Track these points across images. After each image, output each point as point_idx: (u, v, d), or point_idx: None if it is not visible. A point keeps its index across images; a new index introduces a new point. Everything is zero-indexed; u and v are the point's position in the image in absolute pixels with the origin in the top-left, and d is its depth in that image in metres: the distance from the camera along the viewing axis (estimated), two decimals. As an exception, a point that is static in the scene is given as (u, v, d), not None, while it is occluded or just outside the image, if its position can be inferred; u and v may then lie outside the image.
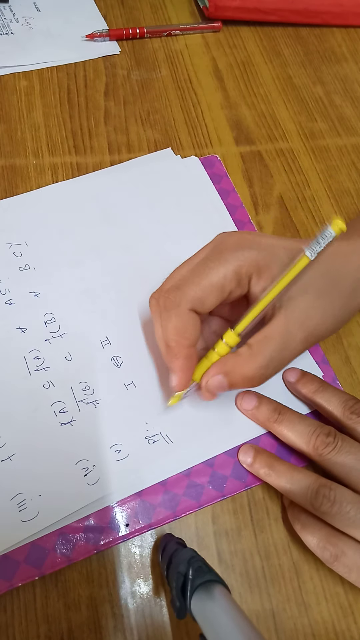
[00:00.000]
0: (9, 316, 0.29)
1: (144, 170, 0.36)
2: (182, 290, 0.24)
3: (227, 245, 0.24)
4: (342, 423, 0.26)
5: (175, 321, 0.23)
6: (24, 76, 0.40)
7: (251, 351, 0.23)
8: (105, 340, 0.29)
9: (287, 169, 0.38)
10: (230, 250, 0.24)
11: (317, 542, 0.23)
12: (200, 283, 0.23)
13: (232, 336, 0.23)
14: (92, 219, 0.33)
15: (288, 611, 0.24)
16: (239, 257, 0.23)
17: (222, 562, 0.25)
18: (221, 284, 0.23)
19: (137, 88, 0.41)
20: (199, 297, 0.23)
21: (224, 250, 0.24)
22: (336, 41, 0.46)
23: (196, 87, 0.42)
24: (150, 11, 0.46)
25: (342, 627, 0.24)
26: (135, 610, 0.24)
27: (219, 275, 0.23)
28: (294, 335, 0.24)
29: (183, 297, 0.23)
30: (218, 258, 0.24)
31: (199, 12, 0.46)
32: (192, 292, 0.23)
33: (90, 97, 0.40)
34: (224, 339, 0.23)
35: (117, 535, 0.25)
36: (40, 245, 0.32)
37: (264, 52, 0.45)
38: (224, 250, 0.24)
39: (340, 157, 0.39)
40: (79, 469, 0.25)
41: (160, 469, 0.26)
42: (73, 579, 0.24)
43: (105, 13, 0.44)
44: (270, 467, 0.25)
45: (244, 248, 0.24)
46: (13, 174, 0.35)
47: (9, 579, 0.23)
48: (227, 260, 0.23)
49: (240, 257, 0.23)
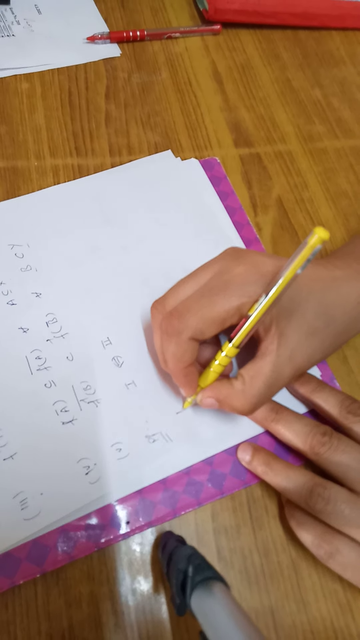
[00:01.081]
0: (11, 316, 0.29)
1: (145, 172, 0.36)
2: (184, 320, 0.24)
3: (234, 276, 0.24)
4: (339, 422, 0.26)
5: (175, 348, 0.24)
6: (25, 78, 0.40)
7: (243, 387, 0.24)
8: (107, 340, 0.30)
9: (286, 171, 0.39)
10: (236, 284, 0.24)
11: (312, 539, 0.24)
12: (203, 316, 0.24)
13: (231, 349, 0.24)
14: (93, 220, 0.34)
15: (287, 608, 0.25)
16: (243, 294, 0.23)
17: (222, 559, 0.25)
18: (223, 318, 0.24)
19: (138, 90, 0.41)
20: (200, 329, 0.24)
21: (229, 283, 0.24)
22: (334, 44, 0.47)
23: (196, 90, 0.42)
24: (151, 14, 0.46)
25: (340, 624, 0.25)
26: (135, 607, 0.24)
27: (222, 311, 0.23)
28: (283, 372, 0.24)
29: (185, 327, 0.24)
30: (223, 291, 0.24)
31: (198, 15, 0.47)
32: (193, 323, 0.24)
33: (91, 100, 0.40)
34: (223, 352, 0.25)
35: (117, 533, 0.25)
36: (42, 247, 0.32)
37: (263, 55, 0.45)
38: (230, 283, 0.24)
39: (338, 159, 0.40)
40: (80, 468, 0.26)
41: (160, 467, 0.26)
42: (74, 576, 0.24)
43: (106, 16, 0.45)
44: (268, 465, 0.26)
45: (249, 283, 0.23)
46: (15, 175, 0.35)
47: (10, 576, 0.23)
48: (232, 295, 0.23)
49: (245, 294, 0.23)
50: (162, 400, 0.28)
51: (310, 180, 0.38)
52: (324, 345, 0.26)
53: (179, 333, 0.24)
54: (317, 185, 0.38)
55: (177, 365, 0.25)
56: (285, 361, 0.24)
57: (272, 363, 0.24)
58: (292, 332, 0.24)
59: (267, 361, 0.24)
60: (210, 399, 0.25)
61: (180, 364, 0.25)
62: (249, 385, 0.24)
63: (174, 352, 0.24)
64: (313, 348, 0.25)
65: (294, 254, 0.21)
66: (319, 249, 0.20)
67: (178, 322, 0.24)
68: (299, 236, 0.36)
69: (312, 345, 0.25)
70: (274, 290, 0.22)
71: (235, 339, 0.24)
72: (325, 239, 0.19)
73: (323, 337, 0.25)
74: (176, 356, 0.24)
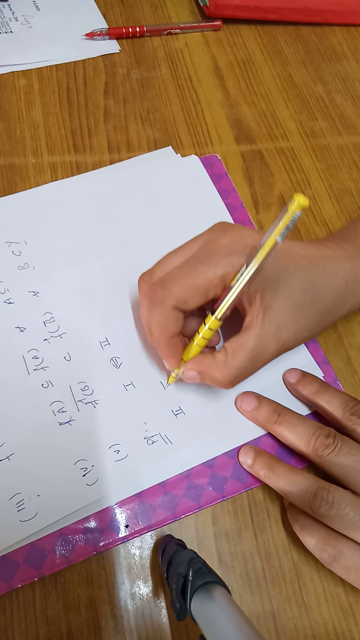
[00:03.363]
0: (8, 315, 0.29)
1: (144, 168, 0.36)
2: (168, 289, 0.24)
3: (219, 246, 0.24)
4: (342, 424, 0.26)
5: (159, 317, 0.24)
6: (23, 75, 0.40)
7: (225, 359, 0.24)
8: (105, 341, 0.29)
9: (288, 168, 0.38)
10: (220, 254, 0.24)
11: (315, 543, 0.23)
12: (186, 285, 0.24)
13: (214, 322, 0.25)
14: (91, 218, 0.33)
15: (288, 612, 0.24)
16: (227, 264, 0.23)
17: (223, 563, 0.25)
18: (206, 288, 0.24)
19: (137, 87, 0.41)
20: (183, 298, 0.24)
21: (214, 252, 0.24)
22: (337, 40, 0.46)
23: (196, 86, 0.41)
24: (150, 9, 0.45)
25: (342, 629, 0.24)
26: (135, 611, 0.24)
27: (205, 280, 0.24)
28: (267, 346, 0.24)
29: (168, 295, 0.24)
30: (207, 260, 0.24)
31: (199, 10, 0.46)
32: (177, 292, 0.24)
33: (90, 96, 0.40)
34: (206, 324, 0.25)
35: (116, 537, 0.24)
36: (40, 244, 0.32)
37: (264, 50, 0.44)
38: (215, 253, 0.24)
39: (341, 156, 0.39)
40: (78, 469, 0.25)
41: (159, 469, 0.26)
42: (73, 580, 0.24)
43: (105, 11, 0.44)
44: (270, 468, 0.25)
45: (233, 253, 0.24)
46: (12, 173, 0.35)
47: (8, 580, 0.23)
48: (216, 264, 0.24)
49: (228, 264, 0.23)
50: (161, 402, 0.28)
51: (313, 177, 0.38)
52: (310, 323, 0.25)
53: (162, 302, 0.24)
54: (320, 182, 0.38)
55: (161, 335, 0.25)
56: (270, 335, 0.24)
57: (256, 336, 0.24)
58: (278, 306, 0.24)
59: (251, 334, 0.24)
60: (191, 371, 0.25)
61: (164, 334, 0.25)
62: (231, 357, 0.24)
63: (158, 321, 0.24)
64: (299, 324, 0.25)
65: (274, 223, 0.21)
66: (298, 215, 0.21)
67: (162, 290, 0.24)
68: (301, 235, 0.36)
69: (298, 321, 0.25)
70: (255, 259, 0.22)
71: (218, 310, 0.24)
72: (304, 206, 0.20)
73: (309, 314, 0.25)
74: (160, 324, 0.24)
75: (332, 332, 0.32)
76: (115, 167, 0.36)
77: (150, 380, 0.28)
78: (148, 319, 0.25)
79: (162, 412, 0.27)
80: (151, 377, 0.28)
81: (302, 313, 0.25)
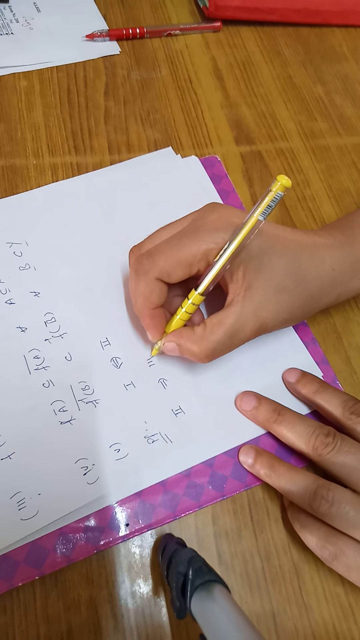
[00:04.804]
0: (9, 316, 0.29)
1: (144, 169, 0.36)
2: (153, 260, 0.25)
3: (205, 223, 0.25)
4: (342, 423, 0.26)
5: (143, 287, 0.25)
6: (24, 76, 0.40)
7: (204, 333, 0.25)
8: (105, 341, 0.29)
9: (288, 168, 0.38)
10: (205, 230, 0.25)
11: (316, 541, 0.23)
12: (170, 257, 0.25)
13: (197, 297, 0.25)
14: (92, 219, 0.33)
15: (288, 612, 0.24)
16: (211, 239, 0.24)
17: (222, 562, 0.25)
18: (189, 261, 0.24)
19: (137, 88, 0.41)
20: (167, 270, 0.25)
21: (200, 228, 0.25)
22: (336, 40, 0.46)
23: (196, 87, 0.42)
24: (150, 11, 0.46)
25: (342, 628, 0.24)
26: (135, 610, 0.24)
27: (188, 254, 0.24)
28: (245, 324, 0.25)
29: (152, 266, 0.25)
30: (193, 235, 0.25)
31: (199, 11, 0.46)
32: (161, 264, 0.25)
33: (90, 97, 0.40)
34: (190, 299, 0.25)
35: (117, 535, 0.25)
36: (41, 245, 0.32)
37: (264, 51, 0.45)
38: (200, 229, 0.25)
39: (340, 156, 0.39)
40: (78, 468, 0.25)
41: (159, 468, 0.26)
42: (73, 579, 0.24)
43: (105, 13, 0.44)
44: (271, 468, 0.25)
45: (218, 230, 0.24)
46: (13, 174, 0.35)
47: (8, 579, 0.23)
48: (201, 239, 0.24)
49: (212, 240, 0.24)
50: (161, 401, 0.28)
51: (313, 178, 0.38)
52: (292, 306, 0.26)
53: (146, 272, 0.25)
54: (320, 183, 0.38)
55: (144, 305, 0.25)
56: (250, 314, 0.25)
57: (236, 313, 0.25)
58: (260, 285, 0.25)
59: (231, 311, 0.25)
60: (171, 343, 0.26)
61: (147, 304, 0.25)
62: (209, 332, 0.25)
63: (142, 291, 0.25)
64: (280, 306, 0.25)
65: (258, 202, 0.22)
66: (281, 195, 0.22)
67: (147, 261, 0.25)
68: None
69: (280, 302, 0.25)
70: (238, 236, 0.23)
71: (201, 286, 0.25)
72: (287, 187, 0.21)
73: (292, 298, 0.26)
74: (144, 295, 0.25)
75: (331, 332, 0.32)
76: (115, 168, 0.36)
77: (151, 380, 0.28)
78: (133, 289, 0.26)
79: (162, 411, 0.27)
80: (151, 378, 0.28)
81: (284, 295, 0.25)
